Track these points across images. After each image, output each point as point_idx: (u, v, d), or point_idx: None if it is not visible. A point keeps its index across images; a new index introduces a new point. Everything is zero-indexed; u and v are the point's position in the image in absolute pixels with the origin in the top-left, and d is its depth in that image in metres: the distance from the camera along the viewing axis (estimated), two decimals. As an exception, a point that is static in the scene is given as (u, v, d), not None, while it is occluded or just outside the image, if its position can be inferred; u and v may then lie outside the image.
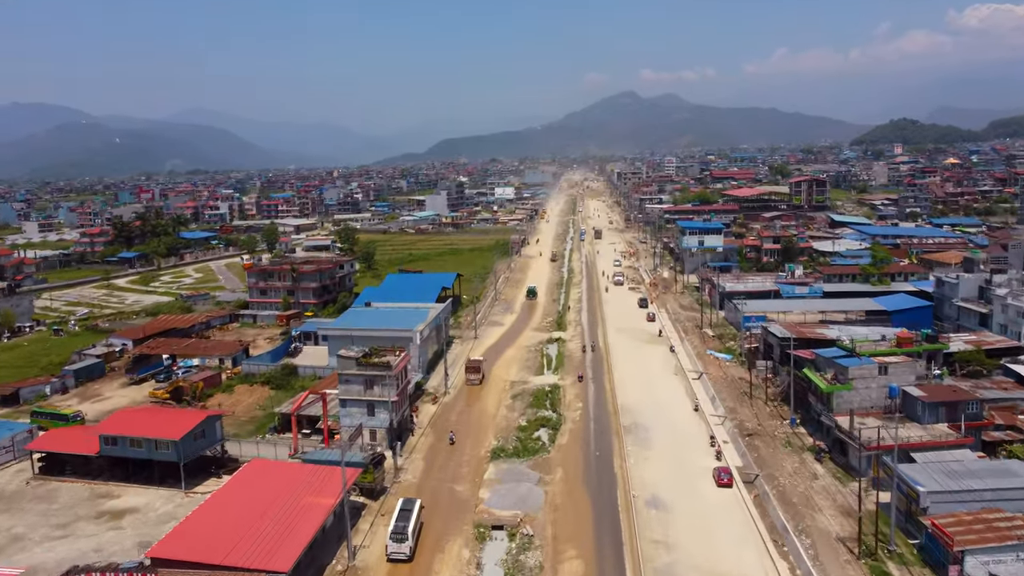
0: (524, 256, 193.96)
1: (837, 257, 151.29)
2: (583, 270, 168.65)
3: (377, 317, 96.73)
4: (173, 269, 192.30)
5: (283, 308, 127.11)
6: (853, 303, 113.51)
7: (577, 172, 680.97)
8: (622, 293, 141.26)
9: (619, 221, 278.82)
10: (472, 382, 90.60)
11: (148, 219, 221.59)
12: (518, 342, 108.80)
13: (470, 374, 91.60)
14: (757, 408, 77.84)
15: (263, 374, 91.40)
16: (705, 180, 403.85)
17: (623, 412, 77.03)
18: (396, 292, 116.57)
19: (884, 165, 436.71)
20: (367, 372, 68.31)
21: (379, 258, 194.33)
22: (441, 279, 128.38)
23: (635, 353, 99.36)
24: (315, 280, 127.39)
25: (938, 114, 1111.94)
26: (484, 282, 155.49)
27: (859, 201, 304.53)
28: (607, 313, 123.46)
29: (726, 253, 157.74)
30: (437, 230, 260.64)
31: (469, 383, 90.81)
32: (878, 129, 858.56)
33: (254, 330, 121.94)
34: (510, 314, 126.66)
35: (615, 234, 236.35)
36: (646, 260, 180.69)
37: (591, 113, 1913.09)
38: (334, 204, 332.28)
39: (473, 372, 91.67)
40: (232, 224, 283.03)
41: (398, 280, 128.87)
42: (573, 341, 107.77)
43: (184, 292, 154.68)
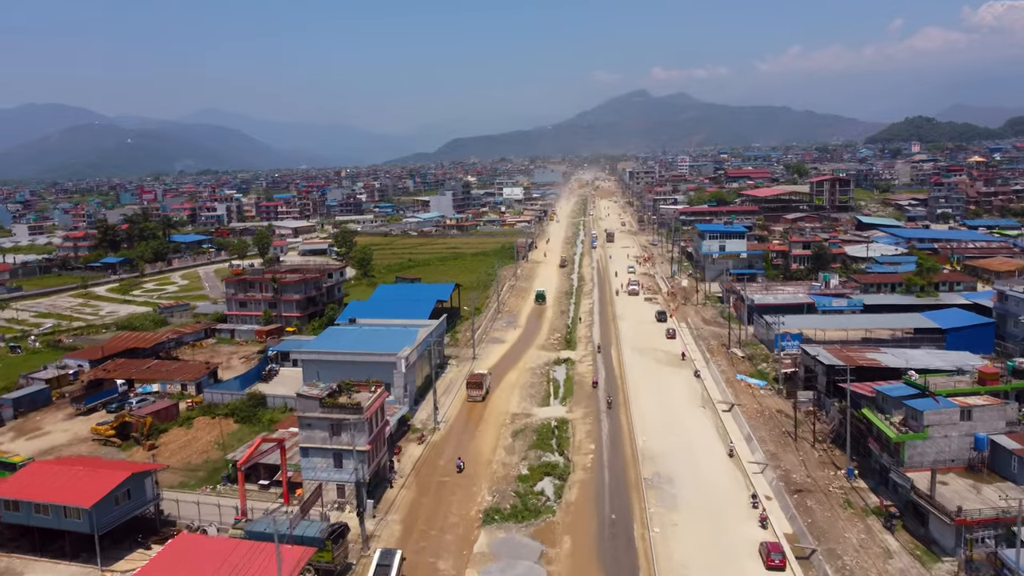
0: (531, 262, 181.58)
1: (873, 264, 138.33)
2: (594, 277, 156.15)
3: (359, 338, 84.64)
4: (158, 276, 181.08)
5: (263, 322, 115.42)
6: (899, 319, 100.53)
7: (588, 171, 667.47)
8: (637, 304, 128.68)
9: (632, 223, 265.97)
10: (473, 399, 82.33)
11: (136, 222, 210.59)
12: (522, 362, 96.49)
13: (472, 390, 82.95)
14: (803, 452, 65.21)
15: (227, 404, 79.49)
16: (720, 179, 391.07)
17: (644, 458, 64.58)
18: (385, 306, 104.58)
19: (906, 163, 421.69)
20: (332, 415, 56.22)
21: (377, 262, 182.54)
22: (437, 291, 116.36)
23: (655, 379, 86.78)
24: (298, 291, 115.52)
25: (952, 112, 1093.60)
26: (487, 291, 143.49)
27: (883, 201, 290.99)
28: (622, 329, 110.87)
29: (750, 259, 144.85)
30: (441, 233, 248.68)
31: (470, 399, 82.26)
32: (894, 127, 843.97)
33: (230, 347, 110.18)
34: (514, 329, 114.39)
35: (628, 237, 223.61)
36: (662, 266, 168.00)
37: (602, 112, 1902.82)
38: (336, 205, 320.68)
39: (475, 388, 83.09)
40: (228, 227, 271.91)
41: (389, 292, 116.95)
42: (584, 363, 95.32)
43: (164, 302, 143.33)
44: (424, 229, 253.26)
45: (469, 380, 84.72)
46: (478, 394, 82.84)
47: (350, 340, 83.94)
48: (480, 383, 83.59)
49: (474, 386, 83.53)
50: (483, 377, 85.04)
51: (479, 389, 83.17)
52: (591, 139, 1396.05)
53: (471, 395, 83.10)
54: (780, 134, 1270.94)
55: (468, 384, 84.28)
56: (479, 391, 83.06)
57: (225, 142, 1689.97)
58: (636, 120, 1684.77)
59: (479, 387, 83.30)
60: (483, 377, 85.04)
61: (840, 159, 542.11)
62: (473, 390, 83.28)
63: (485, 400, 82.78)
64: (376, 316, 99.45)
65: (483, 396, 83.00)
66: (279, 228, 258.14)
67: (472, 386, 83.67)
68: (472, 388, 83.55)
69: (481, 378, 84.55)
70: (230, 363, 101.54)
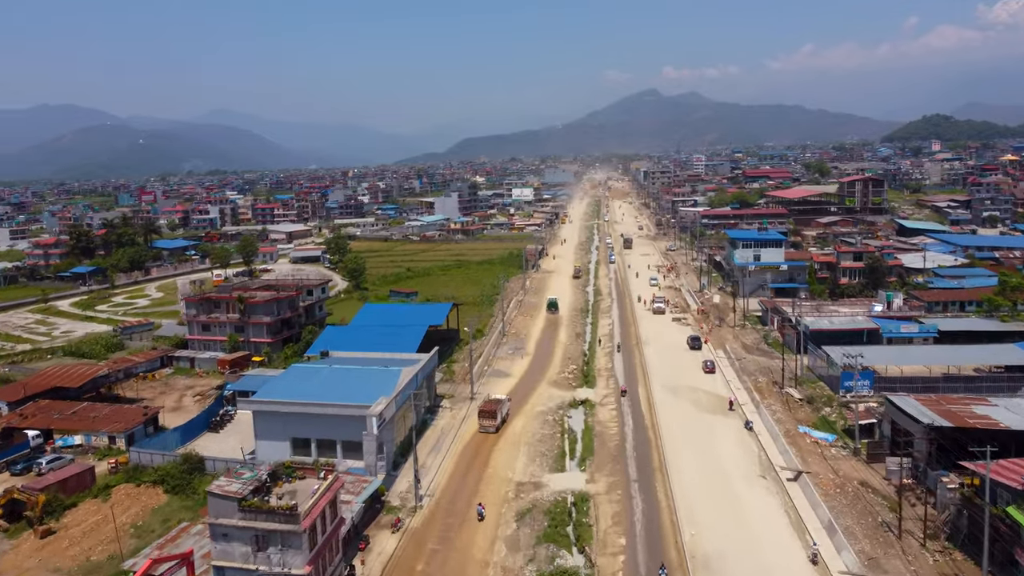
0: (542, 271, 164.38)
1: (933, 278, 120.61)
2: (612, 291, 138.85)
3: (327, 381, 67.84)
4: (132, 287, 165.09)
5: (228, 349, 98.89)
6: (988, 352, 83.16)
7: (600, 171, 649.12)
8: (664, 325, 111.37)
9: (649, 226, 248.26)
10: (486, 430, 71.34)
11: (115, 226, 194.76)
12: (530, 404, 79.41)
13: (484, 419, 71.90)
14: (912, 555, 47.84)
15: (157, 469, 62.87)
16: (738, 179, 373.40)
17: (694, 563, 47.47)
18: (366, 334, 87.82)
19: (936, 162, 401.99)
20: (257, 523, 39.49)
21: (373, 271, 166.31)
22: (430, 313, 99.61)
23: (697, 432, 69.33)
24: (269, 313, 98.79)
25: (967, 110, 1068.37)
26: (491, 307, 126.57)
27: (918, 203, 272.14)
28: (649, 358, 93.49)
29: (791, 272, 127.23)
30: (445, 238, 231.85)
31: (482, 430, 71.32)
32: (911, 125, 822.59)
33: (187, 380, 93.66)
34: (521, 358, 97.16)
35: (646, 243, 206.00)
36: (688, 277, 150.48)
37: (613, 112, 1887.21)
38: (336, 208, 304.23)
39: (488, 417, 71.91)
40: (219, 231, 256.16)
41: (374, 314, 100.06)
42: (606, 406, 78.10)
43: (129, 320, 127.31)
44: (427, 233, 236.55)
45: (482, 408, 72.89)
46: (491, 425, 71.36)
47: (316, 384, 67.10)
48: (494, 412, 71.90)
49: (487, 415, 71.83)
50: (499, 404, 73.54)
51: (492, 419, 71.57)
52: (602, 139, 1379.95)
53: (483, 425, 71.60)
54: (793, 133, 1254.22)
55: (481, 412, 72.35)
56: (492, 422, 71.50)
57: (236, 142, 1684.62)
58: (647, 119, 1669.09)
59: (492, 416, 71.66)
60: (499, 404, 73.54)
61: (860, 158, 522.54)
62: (486, 419, 71.69)
63: (500, 431, 71.39)
64: (355, 347, 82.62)
65: (497, 427, 71.49)
66: (273, 232, 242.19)
67: (485, 415, 71.91)
68: (485, 417, 71.85)
69: (496, 406, 72.91)
70: (181, 403, 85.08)
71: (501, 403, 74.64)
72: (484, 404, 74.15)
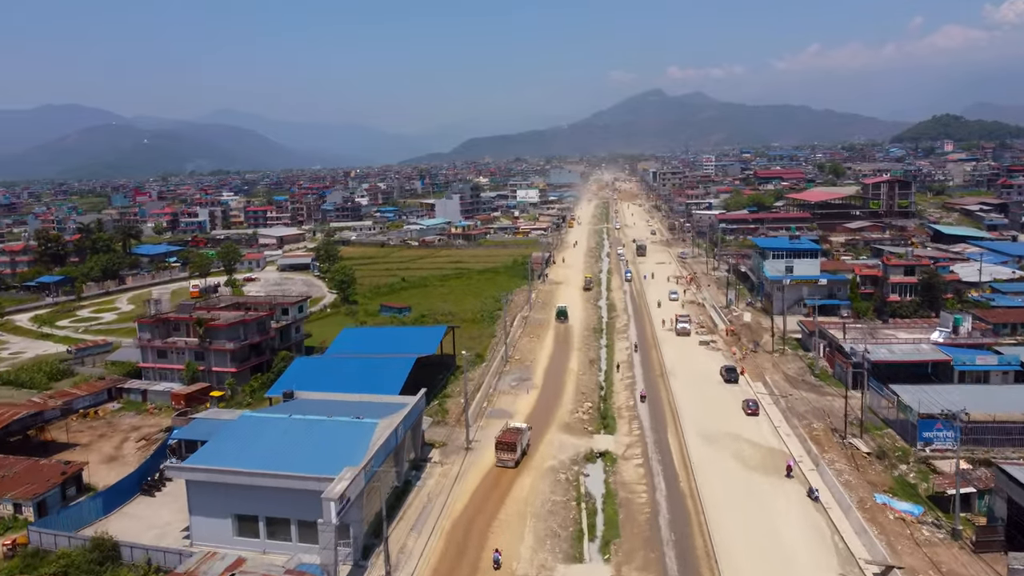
0: (549, 282, 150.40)
1: (994, 295, 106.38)
2: (628, 306, 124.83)
3: (282, 438, 53.98)
4: (103, 298, 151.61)
5: (186, 380, 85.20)
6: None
7: (606, 172, 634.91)
8: (690, 349, 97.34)
9: (662, 230, 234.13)
10: (504, 464, 63.04)
11: (90, 231, 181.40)
12: (538, 457, 65.41)
13: (502, 452, 63.41)
14: None
15: (60, 556, 49.12)
16: (750, 180, 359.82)
17: None
18: (342, 368, 74.06)
19: (958, 163, 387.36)
20: None
21: (366, 281, 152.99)
22: (420, 339, 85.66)
23: (749, 503, 55.20)
24: (233, 338, 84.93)
25: (975, 110, 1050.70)
26: (493, 325, 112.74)
27: (944, 206, 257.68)
28: (677, 395, 79.41)
29: (831, 286, 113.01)
30: (445, 243, 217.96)
31: (500, 464, 63.02)
32: (920, 125, 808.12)
33: (136, 418, 79.92)
34: (527, 392, 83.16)
35: (661, 249, 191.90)
36: (710, 289, 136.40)
37: (617, 112, 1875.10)
38: (332, 210, 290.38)
39: (506, 450, 63.35)
40: (207, 235, 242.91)
41: (354, 340, 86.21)
42: (630, 461, 64.11)
43: (88, 339, 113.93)
44: (426, 238, 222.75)
45: (500, 439, 64.20)
46: (510, 458, 63.11)
47: (269, 443, 53.30)
48: (514, 444, 63.48)
49: (505, 447, 63.39)
50: (519, 435, 65.23)
51: (511, 452, 63.24)
52: (607, 139, 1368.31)
53: (501, 459, 63.22)
54: (799, 133, 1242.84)
55: (499, 444, 63.67)
56: (511, 455, 63.17)
57: (240, 142, 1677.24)
58: (652, 120, 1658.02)
59: (511, 448, 63.28)
60: (519, 435, 65.23)
61: (872, 159, 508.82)
62: (504, 452, 63.33)
63: (519, 466, 63.11)
64: (327, 384, 68.77)
65: (517, 461, 63.36)
66: (263, 236, 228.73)
67: (503, 447, 63.42)
68: (503, 450, 63.37)
69: (516, 436, 64.63)
70: (121, 450, 71.36)
71: (521, 433, 65.89)
72: (502, 434, 65.14)
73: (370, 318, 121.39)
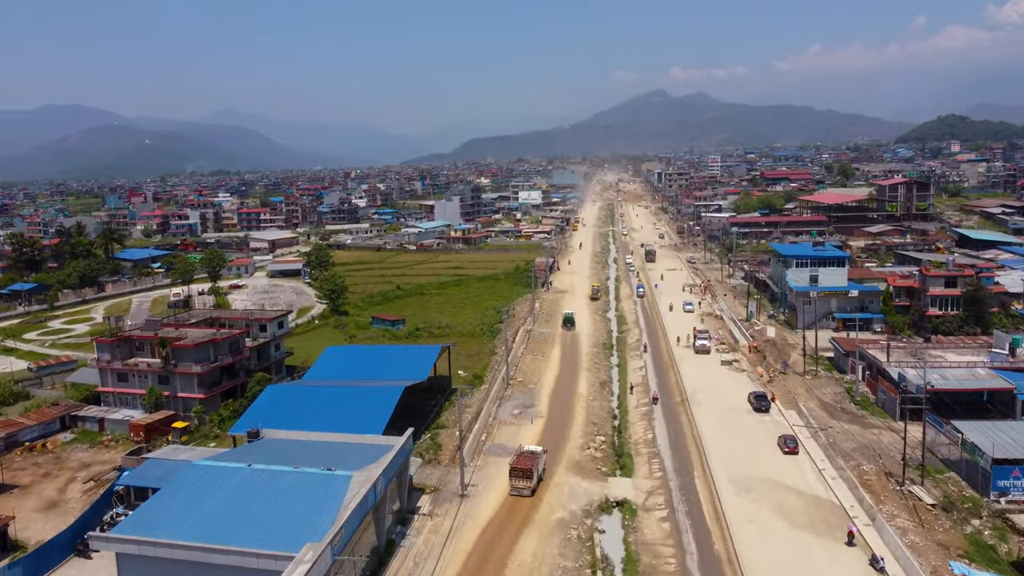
0: (553, 290, 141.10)
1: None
2: (639, 318, 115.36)
3: (236, 496, 44.62)
4: (79, 307, 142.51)
5: (149, 407, 75.97)
6: None
7: (610, 172, 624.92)
8: (712, 369, 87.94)
9: (670, 234, 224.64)
10: (519, 492, 57.34)
11: (69, 235, 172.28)
12: (544, 507, 55.94)
13: (517, 479, 57.77)
14: None
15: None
16: (757, 181, 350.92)
17: None
18: (319, 400, 64.70)
19: (972, 164, 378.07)
20: None
21: (359, 289, 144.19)
22: (411, 361, 76.15)
23: (800, 573, 45.94)
24: (201, 360, 75.60)
25: (978, 110, 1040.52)
26: (493, 340, 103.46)
27: (962, 208, 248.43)
28: (702, 427, 69.92)
29: (863, 298, 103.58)
30: (444, 247, 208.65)
31: (514, 492, 57.35)
32: (926, 126, 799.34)
33: (88, 452, 70.70)
34: (531, 422, 73.72)
35: (670, 254, 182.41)
36: (727, 299, 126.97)
37: (620, 112, 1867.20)
38: (328, 212, 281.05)
39: (521, 477, 57.63)
40: (197, 239, 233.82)
41: (337, 362, 76.84)
42: (652, 512, 54.68)
43: (52, 355, 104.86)
44: (424, 242, 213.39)
45: (515, 464, 58.40)
46: (525, 487, 57.39)
47: (220, 501, 44.02)
48: (529, 470, 57.64)
49: (520, 474, 57.61)
50: (534, 459, 59.26)
51: (527, 479, 57.44)
52: (609, 139, 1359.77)
53: (515, 487, 57.57)
54: (802, 134, 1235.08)
55: (513, 471, 57.94)
56: (526, 483, 57.38)
57: (242, 143, 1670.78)
58: (655, 120, 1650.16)
59: (527, 476, 57.49)
60: (534, 459, 59.26)
61: (879, 159, 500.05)
62: (519, 479, 57.57)
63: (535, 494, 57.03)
64: (300, 420, 59.44)
65: (533, 489, 57.52)
66: (254, 240, 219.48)
67: (518, 474, 57.63)
68: (518, 477, 57.62)
69: (532, 461, 58.75)
70: (65, 493, 62.17)
71: (536, 457, 60.05)
72: (517, 459, 59.23)
73: (361, 331, 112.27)
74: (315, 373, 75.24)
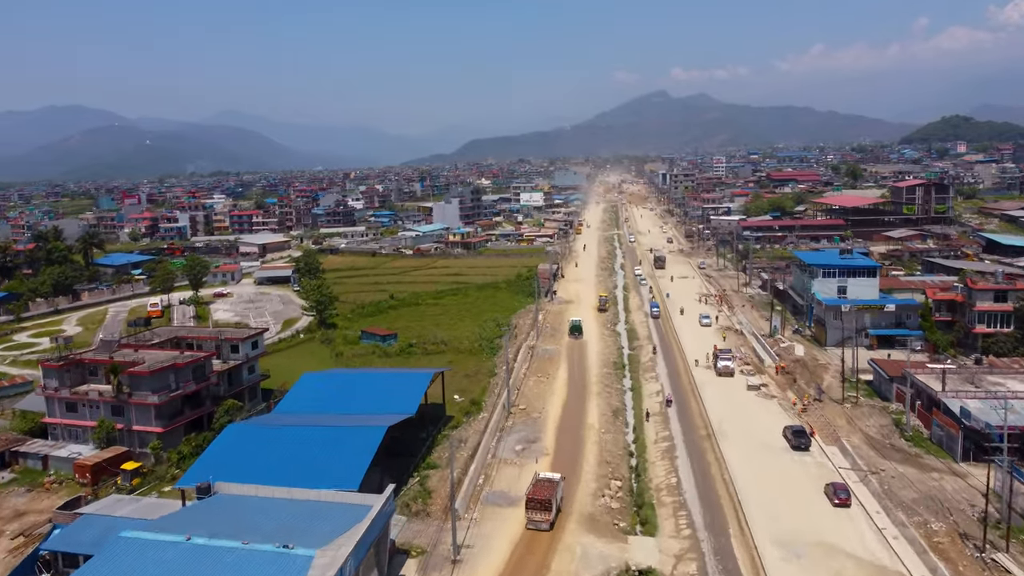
0: (558, 301, 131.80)
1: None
2: (652, 333, 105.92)
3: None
4: (52, 318, 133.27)
5: (100, 441, 66.64)
6: None
7: (612, 173, 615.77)
8: (738, 395, 78.46)
9: (678, 238, 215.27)
10: (537, 526, 50.64)
11: (46, 239, 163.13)
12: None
13: (534, 512, 50.86)
14: None
15: None
16: (763, 183, 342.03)
17: None
18: (287, 444, 55.15)
19: (985, 165, 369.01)
20: None
21: (350, 298, 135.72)
22: (399, 391, 66.45)
23: None
24: (160, 387, 66.27)
25: (981, 111, 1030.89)
26: (492, 358, 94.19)
27: (980, 211, 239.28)
28: (736, 471, 60.24)
29: (899, 313, 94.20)
30: (442, 252, 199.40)
31: (531, 526, 50.79)
32: (930, 126, 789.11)
33: (24, 497, 61.27)
34: (534, 460, 64.14)
35: (680, 260, 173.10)
36: (744, 309, 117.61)
37: (621, 113, 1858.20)
38: (323, 215, 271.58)
39: (539, 510, 50.71)
40: (185, 242, 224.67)
41: (313, 393, 67.12)
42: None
43: (7, 373, 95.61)
44: (421, 247, 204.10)
45: (532, 495, 51.44)
46: (544, 520, 50.56)
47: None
48: (548, 501, 50.56)
49: (538, 506, 50.65)
50: (552, 489, 52.21)
51: (545, 511, 50.54)
52: (610, 140, 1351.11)
53: (532, 520, 50.92)
54: (804, 135, 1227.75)
55: (530, 502, 51.11)
56: (545, 515, 50.52)
57: (244, 144, 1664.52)
58: (656, 121, 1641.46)
59: (545, 508, 50.53)
60: (552, 489, 52.21)
61: (886, 160, 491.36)
62: (536, 512, 50.76)
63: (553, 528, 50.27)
64: (264, 468, 50.16)
65: (551, 523, 50.58)
66: (244, 244, 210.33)
67: (535, 506, 50.70)
68: (535, 509, 50.76)
69: (550, 491, 51.62)
70: (-13, 553, 52.84)
71: (555, 486, 53.14)
72: (535, 488, 52.33)
73: (348, 347, 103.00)
74: (288, 405, 65.72)
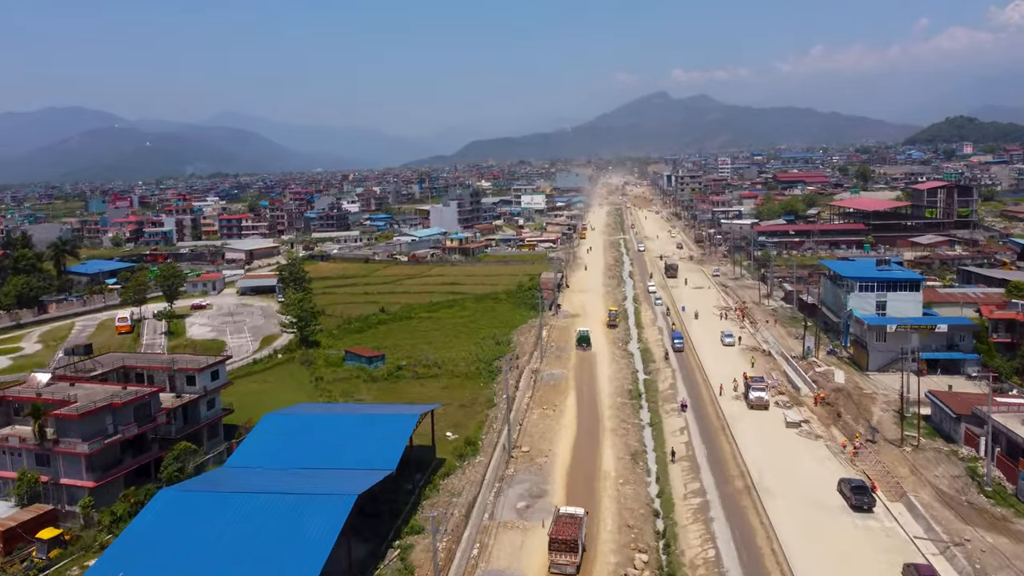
0: (563, 315, 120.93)
1: None
2: (670, 352, 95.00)
3: None
4: (12, 333, 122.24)
5: (22, 496, 55.83)
6: None
7: (614, 175, 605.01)
8: (778, 436, 67.35)
9: (688, 243, 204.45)
10: (561, 569, 43.47)
11: (13, 247, 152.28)
12: None
13: (559, 554, 43.44)
14: None
15: None
16: (771, 184, 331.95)
17: None
18: (232, 513, 44.11)
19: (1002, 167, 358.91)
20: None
21: (338, 310, 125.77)
22: (378, 437, 55.00)
23: None
24: (93, 433, 55.27)
25: (983, 112, 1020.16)
26: (490, 385, 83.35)
27: (1003, 214, 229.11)
28: (786, 540, 49.30)
29: (952, 335, 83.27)
30: (439, 258, 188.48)
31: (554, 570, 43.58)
32: (934, 127, 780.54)
33: (-79, 571, 50.65)
34: (541, 523, 53.24)
35: (692, 267, 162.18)
36: (768, 325, 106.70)
37: (621, 114, 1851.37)
38: (316, 219, 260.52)
39: (564, 550, 43.53)
40: (170, 248, 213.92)
41: (274, 440, 55.75)
42: None
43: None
44: (417, 253, 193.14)
45: (555, 534, 44.57)
46: (569, 563, 43.62)
47: None
48: (574, 543, 43.76)
49: (562, 547, 43.78)
50: (577, 526, 45.58)
51: (571, 554, 43.60)
52: (611, 141, 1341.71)
53: (556, 564, 43.89)
54: (806, 136, 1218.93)
55: (553, 542, 44.19)
56: (571, 558, 43.59)
57: (244, 145, 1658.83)
58: (657, 122, 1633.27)
59: (571, 550, 43.64)
60: (577, 526, 45.58)
61: (892, 161, 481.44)
62: (561, 554, 43.75)
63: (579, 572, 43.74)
64: (198, 556, 39.34)
65: (577, 566, 43.79)
66: (231, 250, 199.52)
67: (559, 547, 43.81)
68: (559, 550, 43.84)
69: (575, 529, 44.99)
70: None
71: (578, 522, 46.55)
72: (558, 526, 45.66)
73: (330, 370, 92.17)
74: (243, 456, 54.68)
